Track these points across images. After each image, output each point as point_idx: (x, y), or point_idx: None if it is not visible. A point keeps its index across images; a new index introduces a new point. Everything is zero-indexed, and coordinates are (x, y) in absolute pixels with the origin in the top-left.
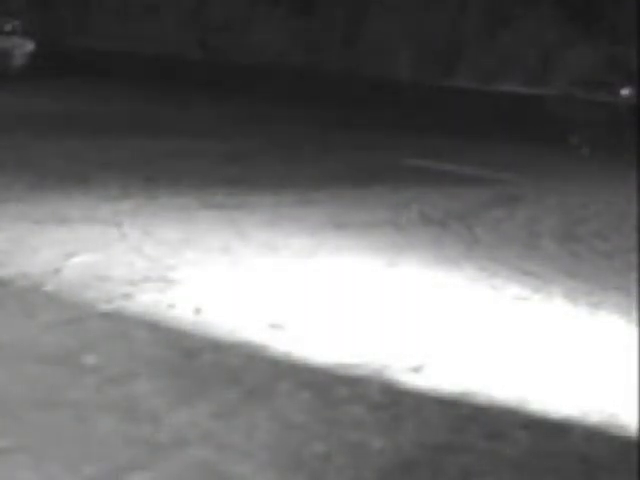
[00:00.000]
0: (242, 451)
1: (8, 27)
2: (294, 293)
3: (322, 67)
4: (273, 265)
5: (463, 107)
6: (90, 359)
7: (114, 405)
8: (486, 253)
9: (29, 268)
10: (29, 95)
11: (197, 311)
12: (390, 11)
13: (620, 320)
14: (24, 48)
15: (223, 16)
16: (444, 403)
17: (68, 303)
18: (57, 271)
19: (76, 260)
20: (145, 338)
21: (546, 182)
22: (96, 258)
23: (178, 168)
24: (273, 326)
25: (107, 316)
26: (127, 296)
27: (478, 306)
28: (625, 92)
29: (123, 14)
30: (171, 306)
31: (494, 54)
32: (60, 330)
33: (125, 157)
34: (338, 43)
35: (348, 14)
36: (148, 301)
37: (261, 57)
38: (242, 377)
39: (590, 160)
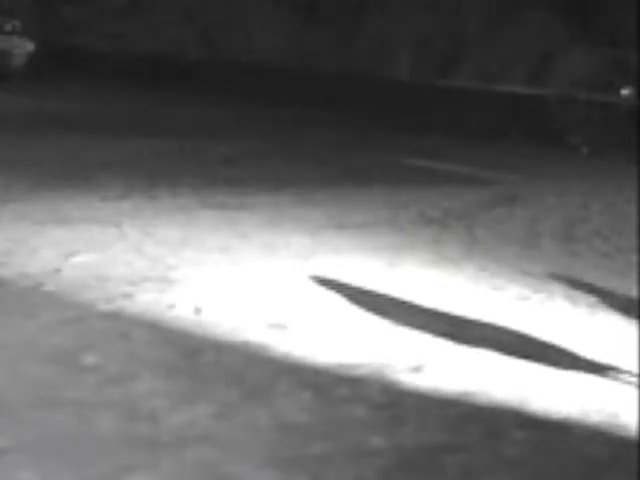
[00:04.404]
0: (242, 451)
1: (8, 27)
2: (294, 293)
3: (321, 67)
4: (273, 265)
5: (463, 107)
6: (90, 359)
7: (114, 405)
8: (486, 253)
9: (29, 268)
10: (29, 95)
11: (197, 311)
12: (390, 11)
13: (620, 320)
14: (24, 48)
15: (223, 16)
16: (444, 403)
17: (68, 303)
18: (57, 271)
19: (76, 260)
20: (145, 338)
21: (546, 182)
22: (96, 258)
23: (178, 168)
24: (273, 326)
25: (107, 316)
26: (127, 296)
27: (478, 306)
28: (625, 92)
29: (123, 14)
30: (171, 306)
31: (494, 54)
32: (60, 330)
33: (125, 157)
34: (338, 43)
35: (348, 14)
36: (148, 301)
37: (261, 57)
38: (242, 377)
39: (590, 160)
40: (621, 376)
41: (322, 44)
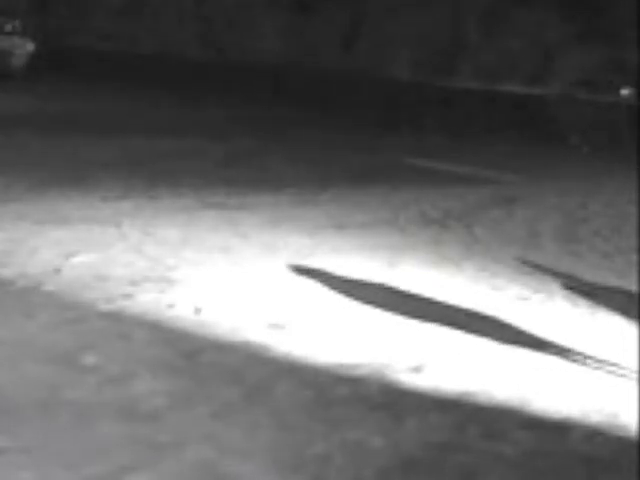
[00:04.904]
0: (242, 451)
1: (8, 27)
2: (294, 293)
3: (322, 67)
4: (273, 265)
5: (463, 107)
6: (90, 359)
7: (114, 405)
8: (486, 253)
9: (29, 268)
10: (29, 95)
11: (197, 311)
12: (390, 11)
13: (620, 320)
14: (24, 48)
15: (223, 16)
16: (444, 403)
17: (68, 303)
18: (57, 271)
19: (76, 260)
20: (145, 338)
21: (546, 182)
22: (96, 258)
23: (178, 168)
24: (273, 326)
25: (107, 316)
26: (127, 296)
27: (478, 306)
28: (625, 92)
29: (122, 14)
30: (171, 306)
31: (494, 54)
32: (60, 330)
33: (125, 157)
34: (338, 43)
35: (348, 14)
36: (148, 301)
37: (261, 57)
38: (242, 377)
39: (590, 160)
40: (621, 376)
41: (322, 44)
